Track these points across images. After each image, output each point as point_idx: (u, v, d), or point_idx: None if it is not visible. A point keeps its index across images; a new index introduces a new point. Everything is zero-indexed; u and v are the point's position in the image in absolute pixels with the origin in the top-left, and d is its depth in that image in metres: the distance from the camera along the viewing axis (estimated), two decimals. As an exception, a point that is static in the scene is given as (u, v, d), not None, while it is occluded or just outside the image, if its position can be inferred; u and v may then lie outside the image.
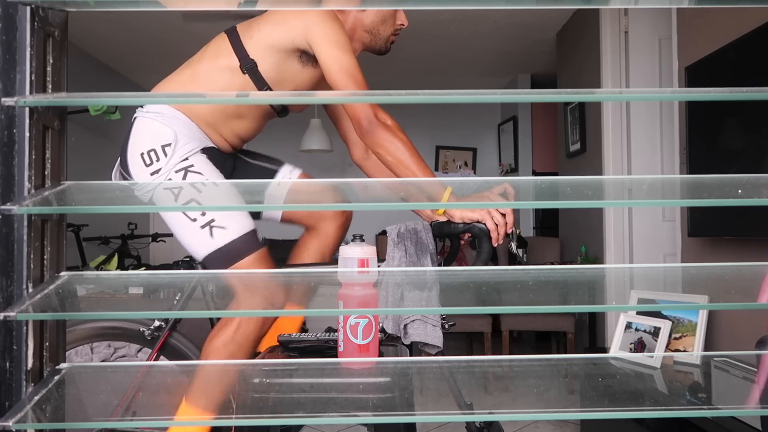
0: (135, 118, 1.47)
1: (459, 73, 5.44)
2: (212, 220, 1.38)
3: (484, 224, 1.28)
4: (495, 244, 1.28)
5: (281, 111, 1.59)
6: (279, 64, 1.46)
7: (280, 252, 1.63)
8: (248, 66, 1.44)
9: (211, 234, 1.38)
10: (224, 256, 1.38)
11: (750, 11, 2.09)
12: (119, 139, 1.50)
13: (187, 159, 1.41)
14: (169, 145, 1.40)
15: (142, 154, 1.41)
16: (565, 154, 4.19)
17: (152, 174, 1.40)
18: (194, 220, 1.38)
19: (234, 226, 1.39)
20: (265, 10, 1.55)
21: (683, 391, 1.99)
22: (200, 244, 1.39)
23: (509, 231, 1.31)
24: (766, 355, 1.04)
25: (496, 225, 1.28)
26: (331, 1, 1.51)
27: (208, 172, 1.43)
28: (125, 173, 1.45)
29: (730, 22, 2.22)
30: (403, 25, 1.60)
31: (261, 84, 1.46)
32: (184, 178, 1.40)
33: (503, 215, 1.29)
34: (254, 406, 0.89)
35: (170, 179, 1.40)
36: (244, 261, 1.39)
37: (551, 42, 4.51)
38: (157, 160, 1.40)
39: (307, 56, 1.46)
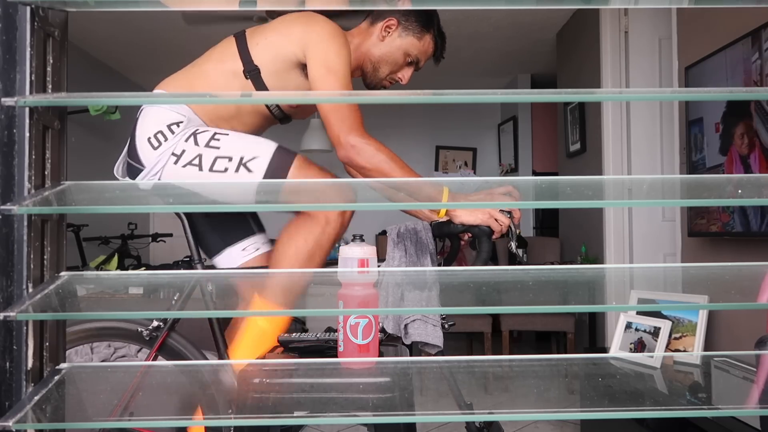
0: (142, 109, 1.47)
1: (459, 73, 5.44)
2: (242, 158, 1.36)
3: (487, 226, 1.27)
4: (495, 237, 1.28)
5: (283, 119, 1.60)
6: (281, 74, 1.47)
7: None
8: (251, 71, 1.45)
9: (249, 170, 1.36)
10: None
11: (750, 11, 2.09)
12: (119, 139, 1.50)
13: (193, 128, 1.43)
14: (176, 123, 1.41)
15: (149, 138, 1.41)
16: (565, 154, 4.19)
17: (161, 154, 1.40)
18: (225, 170, 1.37)
19: (263, 150, 1.38)
20: (269, 17, 1.55)
21: (683, 391, 1.99)
22: (245, 186, 1.38)
23: (517, 223, 1.30)
24: (765, 355, 1.04)
25: (501, 226, 1.27)
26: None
27: (213, 128, 1.44)
28: (135, 162, 1.44)
29: (730, 22, 2.22)
30: (401, 80, 1.60)
31: (263, 90, 1.47)
32: (196, 141, 1.39)
33: (509, 213, 1.28)
34: (254, 406, 0.89)
35: (184, 150, 1.38)
36: (290, 173, 1.37)
37: (551, 42, 4.51)
38: (165, 140, 1.40)
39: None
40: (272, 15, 3.54)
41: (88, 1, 0.51)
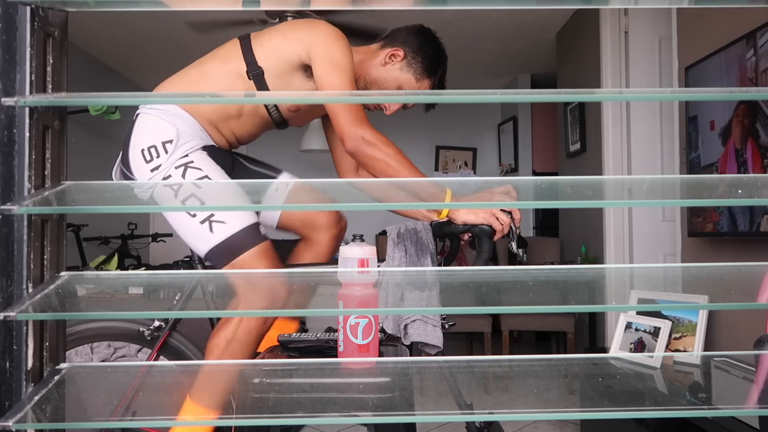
0: (138, 114, 1.47)
1: (459, 73, 5.44)
2: (212, 215, 1.37)
3: (488, 226, 1.28)
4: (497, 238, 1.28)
5: (280, 123, 1.60)
6: (284, 76, 1.47)
7: (278, 252, 1.63)
8: (255, 73, 1.45)
9: (211, 229, 1.37)
10: (225, 251, 1.37)
11: (750, 11, 2.09)
12: (119, 139, 1.50)
13: (187, 155, 1.42)
14: (170, 141, 1.41)
15: (142, 150, 1.41)
16: (565, 154, 4.19)
17: (152, 170, 1.40)
18: (194, 215, 1.38)
19: (234, 220, 1.38)
20: (268, 18, 1.56)
21: (683, 391, 1.99)
22: (201, 240, 1.39)
23: (518, 224, 1.31)
24: (765, 355, 1.04)
25: (502, 225, 1.28)
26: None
27: (207, 168, 1.43)
28: (126, 170, 1.45)
29: (730, 22, 2.22)
30: (385, 110, 1.60)
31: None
32: (184, 174, 1.40)
33: (509, 213, 1.29)
34: (254, 406, 0.89)
35: (170, 176, 1.40)
36: (245, 255, 1.38)
37: (551, 42, 4.51)
38: (158, 156, 1.40)
39: (312, 71, 1.47)
40: (271, 15, 3.54)
41: (88, 1, 0.51)
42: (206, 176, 1.41)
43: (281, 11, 3.46)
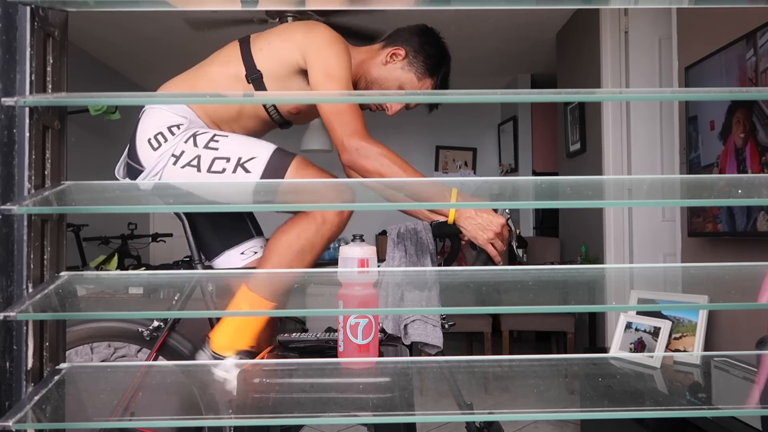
0: (144, 111, 1.47)
1: (459, 73, 5.43)
2: (239, 159, 1.36)
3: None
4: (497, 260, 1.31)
5: (283, 123, 1.60)
6: (283, 79, 1.47)
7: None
8: (254, 76, 1.45)
9: (247, 171, 1.36)
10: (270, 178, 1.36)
11: (750, 11, 2.09)
12: (119, 139, 1.51)
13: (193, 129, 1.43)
14: (176, 126, 1.41)
15: (149, 139, 1.41)
16: (565, 154, 4.19)
17: (160, 155, 1.40)
18: (223, 171, 1.37)
19: (261, 151, 1.38)
20: (268, 18, 1.55)
21: (683, 391, 1.99)
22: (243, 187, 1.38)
23: (498, 253, 1.33)
24: (766, 355, 1.04)
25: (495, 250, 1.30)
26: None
27: (213, 130, 1.44)
28: (133, 162, 1.45)
29: (730, 22, 2.22)
30: (387, 110, 1.59)
31: None
32: (195, 142, 1.39)
33: (508, 216, 1.30)
34: (254, 406, 0.89)
35: (182, 151, 1.38)
36: (288, 172, 1.38)
37: (551, 42, 4.51)
38: (165, 141, 1.40)
39: None
40: (271, 15, 3.54)
41: (88, 1, 0.51)
42: (215, 134, 1.41)
43: (281, 11, 3.46)
